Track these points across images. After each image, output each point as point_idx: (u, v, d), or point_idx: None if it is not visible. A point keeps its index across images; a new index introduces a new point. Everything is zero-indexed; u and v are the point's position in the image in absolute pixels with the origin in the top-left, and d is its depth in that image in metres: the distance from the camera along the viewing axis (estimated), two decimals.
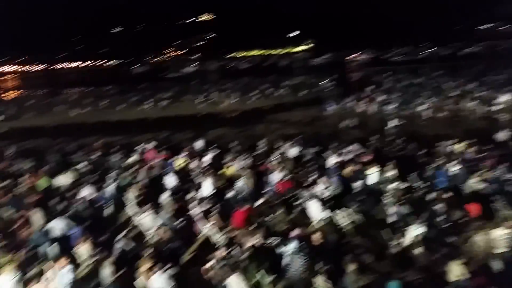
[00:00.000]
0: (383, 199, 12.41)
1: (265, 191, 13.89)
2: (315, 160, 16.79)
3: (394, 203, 11.64)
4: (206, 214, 11.99)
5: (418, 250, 9.95)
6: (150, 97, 46.40)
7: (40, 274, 9.28)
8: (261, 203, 12.41)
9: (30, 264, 10.40)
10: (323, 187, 13.13)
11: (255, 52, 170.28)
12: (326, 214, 11.62)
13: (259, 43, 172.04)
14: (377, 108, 30.11)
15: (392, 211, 11.39)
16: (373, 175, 13.78)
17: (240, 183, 13.91)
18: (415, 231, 10.05)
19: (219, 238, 11.15)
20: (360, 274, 8.28)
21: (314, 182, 13.72)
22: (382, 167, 14.19)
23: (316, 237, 9.49)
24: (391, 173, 13.85)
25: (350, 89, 39.60)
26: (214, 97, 43.87)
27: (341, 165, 15.34)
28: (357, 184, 13.54)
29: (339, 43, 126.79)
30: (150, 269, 8.64)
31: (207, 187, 13.89)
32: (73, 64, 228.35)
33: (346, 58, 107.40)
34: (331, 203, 12.25)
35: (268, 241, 10.05)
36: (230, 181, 14.68)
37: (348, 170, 14.56)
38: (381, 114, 28.34)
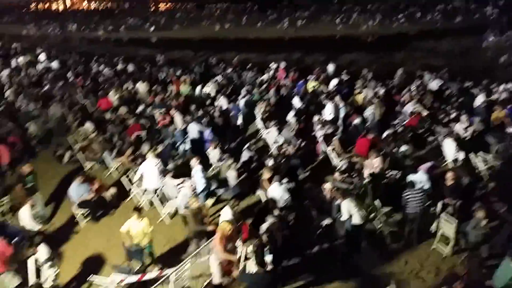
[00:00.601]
0: None
1: (395, 122, 13.08)
2: (459, 97, 14.95)
3: None
4: (329, 138, 11.92)
5: None
6: (287, 15, 45.79)
7: (176, 167, 10.60)
8: (389, 134, 11.76)
9: (168, 156, 11.86)
10: (464, 126, 11.75)
11: None
12: (462, 155, 10.52)
13: None
14: None
15: None
16: None
17: (369, 111, 13.30)
18: None
19: (338, 162, 11.11)
20: (487, 223, 7.49)
21: (454, 120, 12.38)
22: None
23: (449, 177, 8.72)
24: None
25: None
26: (354, 19, 41.20)
27: (489, 105, 13.38)
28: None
29: None
30: (270, 179, 9.12)
31: (332, 111, 13.62)
32: None
33: None
34: (470, 144, 10.99)
35: (390, 173, 9.65)
36: (359, 108, 14.14)
37: (497, 113, 12.59)
38: None
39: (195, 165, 9.60)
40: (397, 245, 8.38)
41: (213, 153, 11.29)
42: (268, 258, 6.62)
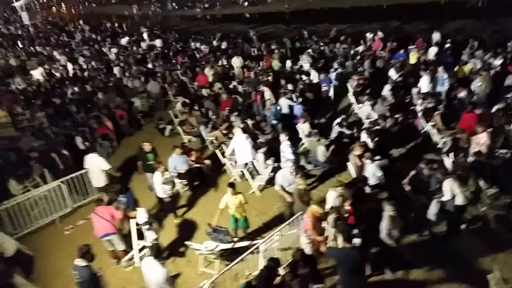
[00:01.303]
0: None
1: (508, 96, 11.67)
2: None
3: None
4: (429, 112, 11.08)
5: None
6: None
7: (267, 143, 10.77)
8: (499, 109, 10.53)
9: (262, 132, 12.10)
10: None
11: None
12: None
13: None
14: None
15: None
16: None
17: (476, 84, 12.04)
18: None
19: (440, 139, 10.31)
20: None
21: None
22: None
23: None
24: None
25: None
26: None
27: None
28: None
29: None
30: (361, 156, 8.83)
31: (434, 84, 12.57)
32: None
33: None
34: None
35: (499, 152, 8.71)
36: (465, 80, 12.86)
37: None
38: None
39: (284, 140, 9.66)
40: (503, 230, 7.63)
41: (303, 128, 11.24)
42: (356, 239, 6.51)
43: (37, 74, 19.90)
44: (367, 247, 6.67)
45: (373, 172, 8.40)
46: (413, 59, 15.67)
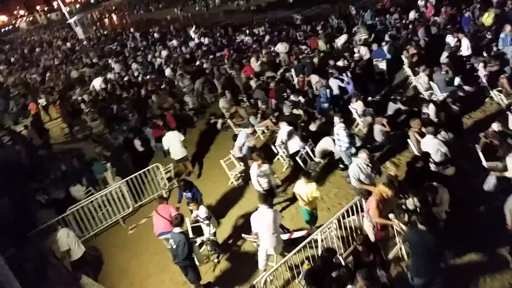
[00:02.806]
0: None
1: None
2: None
3: None
4: (494, 76, 10.01)
5: None
6: None
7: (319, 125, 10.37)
8: None
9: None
10: None
11: None
12: None
13: None
14: None
15: None
16: None
17: None
18: None
19: (508, 104, 9.28)
20: None
21: None
22: None
23: None
24: None
25: None
26: None
27: None
28: None
29: None
30: (421, 131, 8.16)
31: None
32: None
33: None
34: None
35: None
36: None
37: None
38: None
39: (338, 123, 9.16)
40: None
41: (356, 107, 10.67)
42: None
43: (96, 83, 20.97)
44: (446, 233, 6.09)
45: (437, 147, 7.70)
46: (489, 19, 13.89)
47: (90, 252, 8.71)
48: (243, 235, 7.77)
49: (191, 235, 7.74)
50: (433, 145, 7.75)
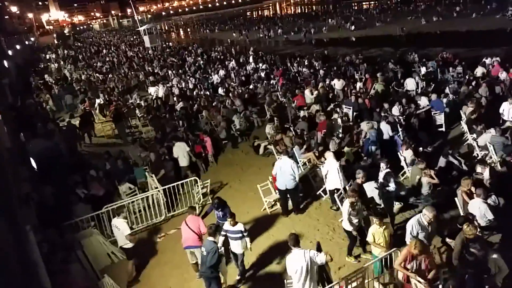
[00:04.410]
0: None
1: None
2: None
3: None
4: None
5: None
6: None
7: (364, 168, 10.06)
8: None
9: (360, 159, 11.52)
10: None
11: None
12: None
13: None
14: None
15: None
16: None
17: None
18: None
19: None
20: None
21: None
22: None
23: None
24: None
25: None
26: None
27: None
28: None
29: None
30: (471, 192, 7.72)
31: None
32: None
33: None
34: None
35: None
36: None
37: None
38: None
39: (385, 168, 8.87)
40: None
41: (406, 155, 10.33)
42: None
43: (153, 91, 21.86)
44: None
45: (483, 212, 7.25)
46: None
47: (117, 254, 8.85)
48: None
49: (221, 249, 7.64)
50: (480, 209, 7.31)
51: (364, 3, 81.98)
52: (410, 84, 16.37)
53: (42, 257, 6.20)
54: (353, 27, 42.94)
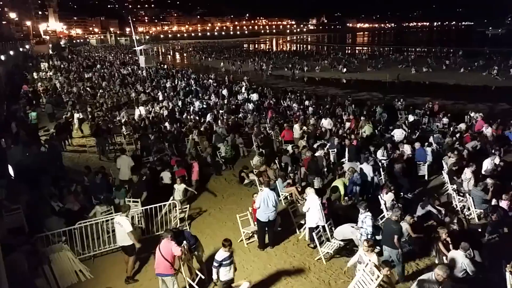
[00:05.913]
0: None
1: None
2: None
3: None
4: None
5: None
6: (498, 63, 40.57)
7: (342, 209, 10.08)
8: None
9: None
10: None
11: None
12: None
13: None
14: None
15: None
16: None
17: None
18: None
19: None
20: None
21: None
22: None
23: None
24: None
25: None
26: None
27: None
28: None
29: None
30: (447, 242, 7.75)
31: None
32: (421, 23, 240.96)
33: None
34: None
35: None
36: None
37: None
38: None
39: (364, 212, 8.86)
40: None
41: (386, 199, 10.38)
42: None
43: (142, 110, 21.77)
44: None
45: (465, 265, 7.24)
46: None
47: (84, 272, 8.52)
48: None
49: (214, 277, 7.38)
50: (461, 262, 7.29)
51: (357, 47, 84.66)
52: (398, 134, 16.41)
53: (5, 269, 5.93)
54: (344, 70, 44.08)
